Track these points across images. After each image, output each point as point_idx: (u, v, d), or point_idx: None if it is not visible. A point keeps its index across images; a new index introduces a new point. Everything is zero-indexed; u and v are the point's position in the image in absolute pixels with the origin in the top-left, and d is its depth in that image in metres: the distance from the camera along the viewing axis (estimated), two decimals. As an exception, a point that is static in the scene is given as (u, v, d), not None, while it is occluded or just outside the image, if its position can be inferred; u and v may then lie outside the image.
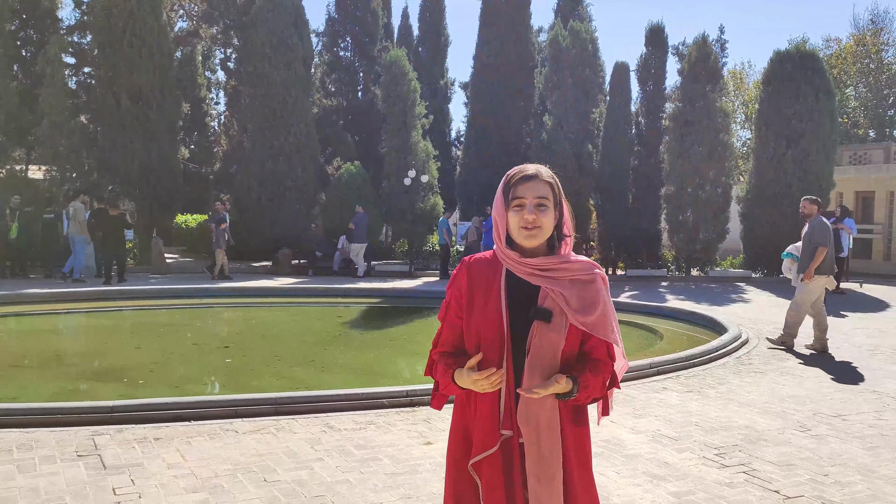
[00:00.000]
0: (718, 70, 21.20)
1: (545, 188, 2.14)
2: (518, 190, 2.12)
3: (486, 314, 2.12)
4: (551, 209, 2.13)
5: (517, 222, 2.10)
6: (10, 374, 7.67)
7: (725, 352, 8.57)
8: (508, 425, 2.12)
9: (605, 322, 2.12)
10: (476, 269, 2.22)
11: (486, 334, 2.12)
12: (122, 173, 19.07)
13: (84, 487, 4.04)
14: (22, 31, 22.42)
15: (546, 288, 2.10)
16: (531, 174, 2.15)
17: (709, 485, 4.29)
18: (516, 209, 2.11)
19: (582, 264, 2.16)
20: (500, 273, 2.17)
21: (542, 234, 2.11)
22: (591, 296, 2.12)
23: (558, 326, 2.08)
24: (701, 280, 20.14)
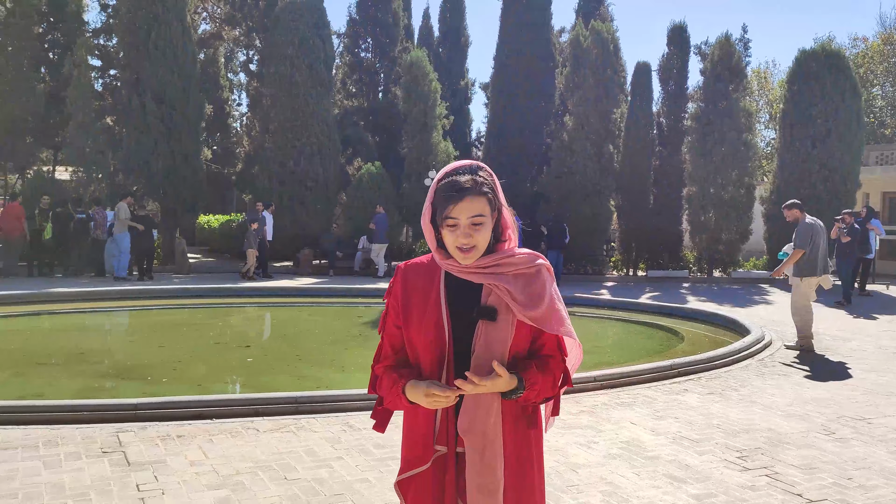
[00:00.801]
0: (742, 69, 21.00)
1: (481, 204, 1.92)
2: (451, 210, 1.90)
3: (425, 319, 1.97)
4: (489, 222, 1.94)
5: (452, 241, 1.93)
6: (37, 371, 7.79)
7: (748, 354, 8.49)
8: (444, 440, 1.97)
9: (553, 314, 1.96)
10: (412, 274, 2.07)
11: (425, 340, 1.96)
12: (146, 174, 19.29)
13: (108, 484, 4.10)
14: (49, 34, 22.77)
15: (489, 285, 1.95)
16: (464, 187, 1.91)
17: (730, 487, 4.26)
18: (450, 228, 1.92)
19: (525, 257, 2.00)
20: (439, 275, 2.02)
21: (478, 251, 1.93)
22: (538, 289, 1.96)
23: (505, 324, 1.93)
24: (723, 281, 19.96)
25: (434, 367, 1.95)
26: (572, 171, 20.37)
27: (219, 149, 31.10)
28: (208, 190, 22.34)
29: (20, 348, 9.13)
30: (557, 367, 2.02)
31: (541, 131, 23.45)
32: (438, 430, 1.98)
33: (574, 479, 4.36)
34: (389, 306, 2.08)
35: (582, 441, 5.12)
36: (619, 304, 13.98)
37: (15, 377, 7.48)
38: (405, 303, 2.03)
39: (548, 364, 1.99)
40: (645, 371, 7.20)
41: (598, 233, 20.82)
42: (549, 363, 2.00)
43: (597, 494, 4.13)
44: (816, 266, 8.93)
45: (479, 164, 1.99)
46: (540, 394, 1.96)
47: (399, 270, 2.11)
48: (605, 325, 12.50)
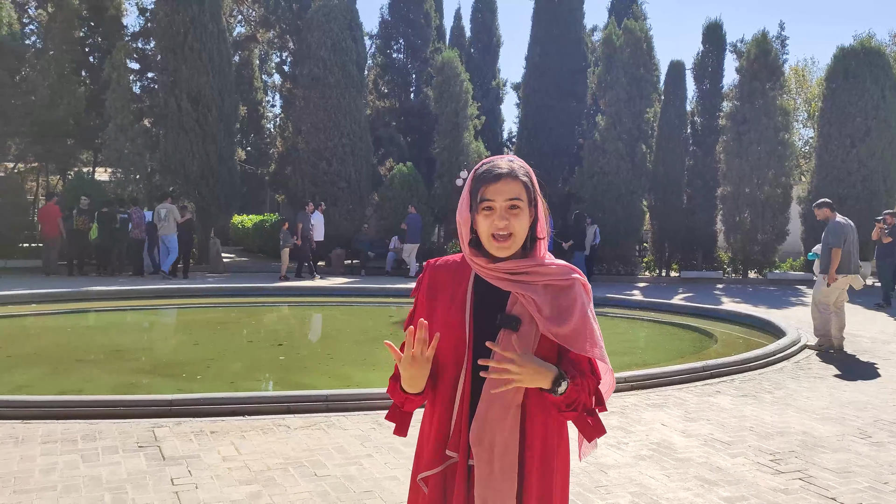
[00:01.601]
0: (779, 67, 20.67)
1: (518, 188, 1.85)
2: (487, 191, 1.84)
3: (448, 320, 1.87)
4: (525, 210, 1.85)
5: (486, 228, 1.83)
6: (76, 367, 7.98)
7: (783, 356, 8.36)
8: (455, 446, 1.85)
9: (584, 334, 1.81)
10: (441, 273, 1.98)
11: (445, 342, 1.85)
12: (182, 174, 19.62)
13: (144, 477, 4.19)
14: (89, 38, 23.28)
15: (516, 293, 1.84)
16: (502, 172, 1.85)
17: (763, 491, 4.21)
18: (486, 213, 1.83)
19: (559, 268, 1.89)
20: (468, 277, 1.92)
21: (514, 242, 1.84)
22: (567, 303, 1.83)
23: (526, 336, 1.81)
24: (759, 283, 19.66)
25: (452, 369, 1.87)
26: (604, 172, 20.24)
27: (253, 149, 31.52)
28: (242, 190, 22.65)
29: (61, 345, 9.35)
30: (591, 382, 1.86)
31: (573, 131, 23.35)
32: (452, 434, 1.86)
33: (603, 480, 4.34)
34: (416, 303, 2.02)
35: (611, 442, 5.09)
36: (651, 304, 13.86)
37: (56, 373, 7.67)
38: (430, 300, 1.95)
39: (585, 376, 1.84)
40: (676, 372, 7.13)
41: (630, 233, 20.65)
42: (585, 376, 1.84)
43: (626, 495, 4.11)
44: (845, 265, 8.81)
45: (516, 157, 1.95)
46: (580, 399, 1.81)
47: (428, 267, 2.04)
48: (636, 326, 12.40)
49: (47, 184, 26.38)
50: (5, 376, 7.39)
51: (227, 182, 20.38)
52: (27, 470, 4.25)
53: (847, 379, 7.46)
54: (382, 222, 21.25)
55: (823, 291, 8.96)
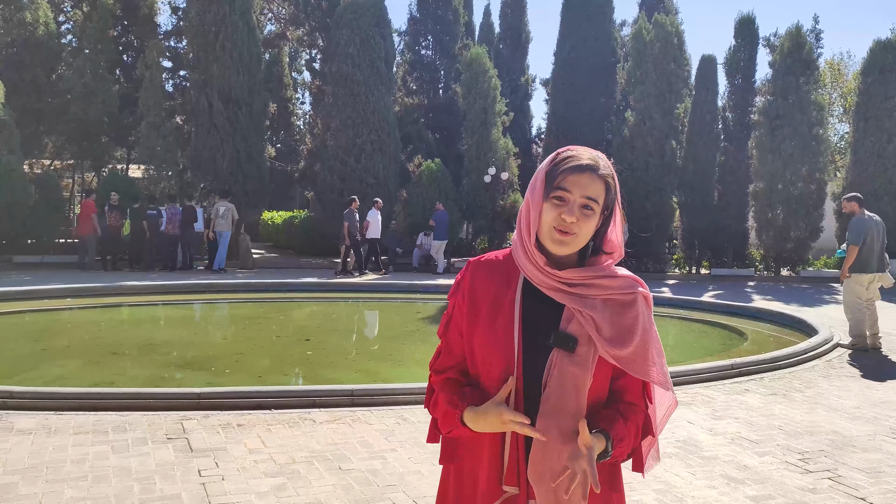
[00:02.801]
0: (813, 61, 20.31)
1: (599, 187, 1.65)
2: (567, 180, 1.63)
3: (493, 334, 1.66)
4: (597, 215, 1.65)
5: (551, 219, 1.62)
6: (109, 360, 8.13)
7: (814, 354, 8.22)
8: (513, 480, 1.63)
9: (645, 356, 1.64)
10: (485, 275, 1.74)
11: (491, 361, 1.65)
12: (213, 171, 19.87)
13: (172, 468, 4.26)
14: (123, 38, 23.67)
15: (572, 308, 1.64)
16: (587, 164, 1.65)
17: (790, 490, 4.15)
18: (556, 202, 1.63)
19: (622, 280, 1.68)
20: (516, 282, 1.70)
21: (575, 242, 1.64)
22: (629, 322, 1.64)
23: (584, 359, 1.61)
24: (791, 280, 19.36)
25: (495, 391, 1.64)
26: (633, 168, 20.06)
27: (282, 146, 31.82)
28: (272, 187, 22.88)
29: (94, 338, 9.53)
30: (640, 414, 1.70)
31: (602, 128, 23.19)
32: (508, 466, 1.64)
33: (627, 477, 4.30)
34: (454, 307, 1.77)
35: (637, 439, 5.05)
36: (679, 302, 13.71)
37: (89, 366, 7.82)
38: (472, 306, 1.72)
39: (632, 410, 1.68)
40: (704, 370, 7.06)
41: (659, 230, 20.46)
42: (634, 410, 1.69)
43: (650, 493, 4.08)
44: (868, 263, 8.67)
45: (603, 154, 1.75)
46: (626, 450, 1.66)
47: (470, 266, 1.79)
48: (664, 324, 12.27)
49: (82, 181, 26.89)
50: (40, 369, 7.56)
51: (257, 179, 20.60)
52: (59, 460, 4.34)
53: (880, 378, 7.31)
54: (410, 219, 21.31)
55: (850, 290, 8.84)
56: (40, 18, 20.20)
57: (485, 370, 1.67)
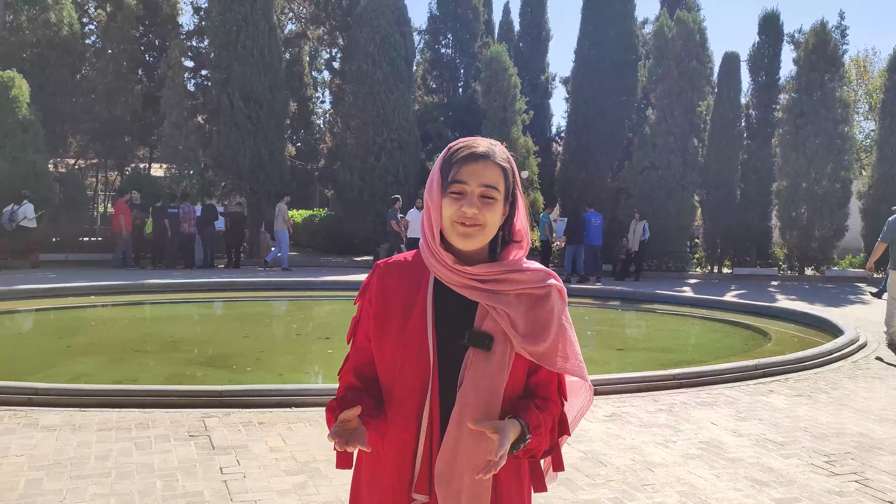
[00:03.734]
0: (838, 58, 20.02)
1: (496, 174, 1.60)
2: (461, 172, 1.58)
3: (405, 337, 1.60)
4: (500, 203, 1.60)
5: (452, 214, 1.58)
6: (132, 357, 8.21)
7: (840, 355, 8.10)
8: (423, 487, 1.58)
9: (557, 349, 1.60)
10: (393, 277, 1.68)
11: (405, 365, 1.59)
12: (234, 170, 20.00)
13: (194, 465, 4.29)
14: (145, 37, 23.89)
15: (486, 305, 1.59)
16: (480, 152, 1.60)
17: (816, 492, 4.09)
18: (454, 196, 1.58)
19: (534, 274, 1.63)
20: (427, 283, 1.64)
21: (482, 234, 1.59)
22: (545, 316, 1.60)
23: (500, 356, 1.57)
24: (816, 280, 19.11)
25: (411, 397, 1.59)
26: (655, 167, 19.89)
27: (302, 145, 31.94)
28: (292, 185, 22.97)
29: (118, 336, 9.63)
30: (555, 410, 1.65)
31: (622, 125, 23.00)
32: (419, 473, 1.59)
33: (650, 479, 4.27)
34: (362, 310, 1.71)
35: (659, 440, 5.01)
36: (701, 301, 13.59)
37: (113, 363, 7.90)
38: (381, 311, 1.65)
39: (548, 406, 1.63)
40: (727, 370, 6.98)
41: (680, 229, 20.28)
42: (548, 406, 1.63)
43: (673, 495, 4.04)
44: None
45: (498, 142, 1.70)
46: (541, 444, 1.60)
47: (376, 269, 1.72)
48: (685, 323, 12.18)
49: (106, 179, 27.20)
50: (65, 365, 7.64)
51: (277, 177, 20.71)
52: (83, 456, 4.38)
53: (908, 380, 7.19)
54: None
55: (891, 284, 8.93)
56: (65, 19, 20.44)
57: (399, 374, 1.60)
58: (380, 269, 1.71)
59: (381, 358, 1.65)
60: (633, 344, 10.21)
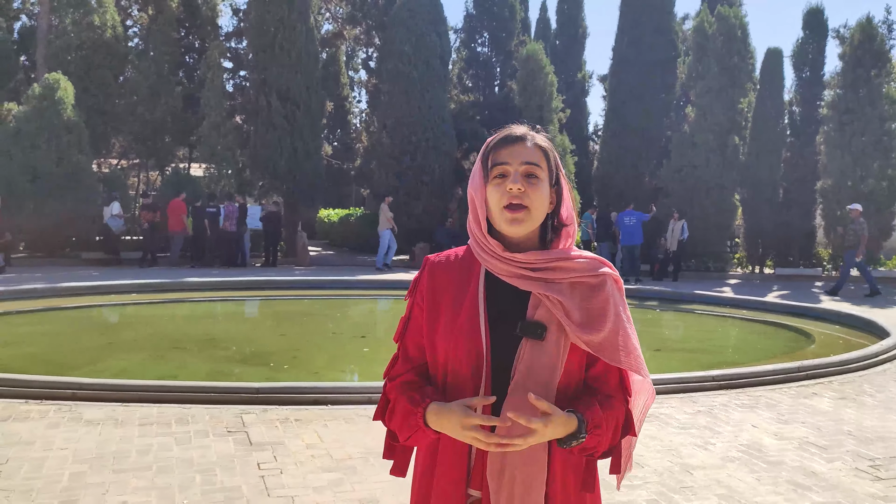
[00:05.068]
0: (885, 53, 19.50)
1: (537, 153, 1.58)
2: (501, 154, 1.57)
3: (457, 330, 1.56)
4: (545, 183, 1.57)
5: (498, 198, 1.55)
6: (172, 354, 8.35)
7: (886, 357, 7.89)
8: (479, 483, 1.55)
9: (617, 341, 1.54)
10: (443, 271, 1.66)
11: (457, 357, 1.55)
12: (271, 170, 20.23)
13: (232, 461, 4.34)
14: (185, 39, 24.27)
15: (539, 294, 1.55)
16: (518, 134, 1.60)
17: (860, 497, 3.98)
18: (497, 181, 1.56)
19: (587, 262, 1.59)
20: (477, 275, 1.61)
21: (530, 217, 1.55)
22: (600, 305, 1.55)
23: (554, 346, 1.52)
24: (861, 281, 18.62)
25: (463, 390, 1.55)
26: (693, 165, 19.61)
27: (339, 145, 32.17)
28: (328, 185, 23.18)
29: (159, 333, 9.80)
30: (619, 409, 1.58)
31: (661, 124, 22.71)
32: (473, 468, 1.56)
33: (688, 481, 4.20)
34: (412, 307, 1.69)
35: (698, 442, 4.93)
36: (742, 302, 13.35)
37: (154, 359, 8.05)
38: (433, 304, 1.63)
39: (611, 404, 1.57)
40: (769, 372, 6.84)
41: (720, 228, 19.96)
42: (612, 403, 1.57)
43: (712, 497, 3.97)
44: None
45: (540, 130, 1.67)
46: (602, 443, 1.54)
47: (427, 264, 1.70)
48: (726, 324, 11.98)
49: (147, 179, 27.71)
50: (107, 362, 7.80)
51: (314, 177, 20.88)
52: (125, 450, 4.47)
53: (958, 384, 6.97)
54: (464, 216, 21.23)
55: None
56: (108, 22, 20.86)
57: (452, 369, 1.57)
58: (430, 264, 1.70)
59: (433, 352, 1.61)
60: (671, 344, 10.07)
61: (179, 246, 17.87)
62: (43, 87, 17.60)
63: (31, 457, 4.30)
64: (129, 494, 3.81)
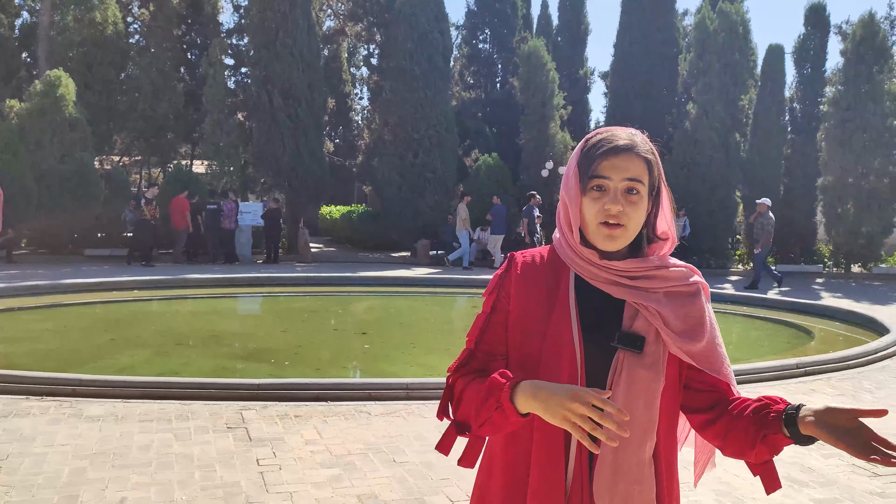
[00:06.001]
0: (887, 49, 19.48)
1: (640, 166, 1.47)
2: (602, 166, 1.46)
3: (549, 337, 1.46)
4: (644, 198, 1.47)
5: (594, 214, 1.45)
6: (175, 350, 8.39)
7: (886, 354, 7.90)
8: (578, 499, 1.42)
9: (716, 351, 1.50)
10: (531, 271, 1.54)
11: (550, 365, 1.45)
12: (274, 167, 20.26)
13: (232, 457, 4.37)
14: (187, 36, 24.29)
15: (635, 303, 1.46)
16: (623, 145, 1.48)
17: (857, 493, 4.00)
18: (595, 194, 1.46)
19: (680, 271, 1.52)
20: (567, 278, 1.51)
21: (626, 235, 1.47)
22: (697, 314, 1.49)
23: (654, 359, 1.44)
24: (863, 277, 18.65)
25: None
26: (696, 163, 19.61)
27: (341, 141, 32.18)
28: (331, 181, 23.18)
29: (161, 329, 9.84)
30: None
31: (663, 121, 22.72)
32: (572, 486, 1.42)
33: (685, 477, 4.21)
34: (496, 305, 1.55)
35: (696, 439, 4.94)
36: (743, 298, 13.37)
37: (156, 356, 8.08)
38: (521, 305, 1.51)
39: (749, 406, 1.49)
40: (768, 369, 6.86)
41: (722, 225, 19.96)
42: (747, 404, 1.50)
43: (709, 493, 3.99)
44: None
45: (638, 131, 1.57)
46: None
47: (513, 261, 1.57)
48: (727, 321, 11.97)
49: (149, 176, 27.75)
50: (109, 358, 7.84)
51: (316, 173, 20.90)
52: (125, 446, 4.50)
53: (958, 381, 6.98)
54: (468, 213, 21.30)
55: None
56: (109, 18, 20.87)
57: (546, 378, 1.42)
58: (516, 262, 1.57)
59: (523, 356, 1.49)
60: (671, 341, 10.08)
61: (182, 243, 17.91)
62: (44, 84, 17.62)
63: (32, 452, 4.34)
64: (130, 490, 3.84)
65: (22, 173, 16.72)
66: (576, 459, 1.43)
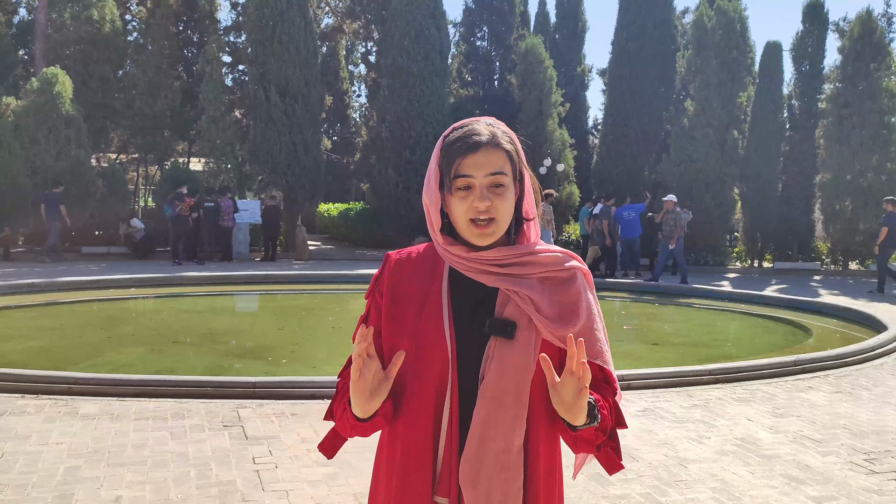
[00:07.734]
0: (884, 46, 19.48)
1: (502, 159, 1.47)
2: (463, 165, 1.45)
3: (420, 330, 1.48)
4: (510, 188, 1.48)
5: (464, 212, 1.46)
6: (171, 349, 8.36)
7: (883, 352, 7.90)
8: (446, 490, 1.45)
9: (593, 336, 1.49)
10: (405, 268, 1.57)
11: (421, 360, 1.47)
12: (270, 164, 20.23)
13: (228, 455, 4.35)
14: (184, 33, 24.24)
15: (507, 290, 1.47)
16: (481, 140, 1.47)
17: (854, 491, 3.99)
18: (461, 193, 1.46)
19: (554, 256, 1.52)
20: (441, 272, 1.54)
21: (498, 227, 1.47)
22: (572, 299, 1.49)
23: (525, 344, 1.44)
24: (860, 275, 18.66)
25: (427, 394, 1.47)
26: (693, 159, 19.60)
27: (338, 139, 32.12)
28: (328, 179, 23.17)
29: (158, 327, 9.81)
30: (609, 398, 1.52)
31: (660, 118, 22.69)
32: (440, 474, 1.46)
33: (682, 475, 4.22)
34: (371, 307, 1.61)
35: (693, 436, 4.94)
36: (740, 296, 13.36)
37: (152, 354, 8.05)
38: (393, 304, 1.55)
39: (599, 390, 1.51)
40: (765, 366, 6.85)
41: (719, 222, 19.96)
42: (600, 389, 1.51)
43: (706, 491, 3.98)
44: None
45: (495, 119, 1.56)
46: (606, 427, 1.47)
47: (387, 261, 1.60)
48: (723, 318, 11.99)
49: (146, 174, 27.70)
50: (105, 356, 7.81)
51: (313, 171, 20.87)
52: (120, 445, 4.48)
53: (955, 377, 6.98)
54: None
55: None
56: (106, 16, 20.82)
57: (415, 370, 1.47)
58: (391, 261, 1.60)
59: (392, 350, 1.50)
60: (668, 339, 10.08)
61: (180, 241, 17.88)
62: (41, 81, 17.58)
63: (26, 451, 4.31)
64: (125, 489, 3.82)
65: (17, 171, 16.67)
66: (445, 446, 1.45)
